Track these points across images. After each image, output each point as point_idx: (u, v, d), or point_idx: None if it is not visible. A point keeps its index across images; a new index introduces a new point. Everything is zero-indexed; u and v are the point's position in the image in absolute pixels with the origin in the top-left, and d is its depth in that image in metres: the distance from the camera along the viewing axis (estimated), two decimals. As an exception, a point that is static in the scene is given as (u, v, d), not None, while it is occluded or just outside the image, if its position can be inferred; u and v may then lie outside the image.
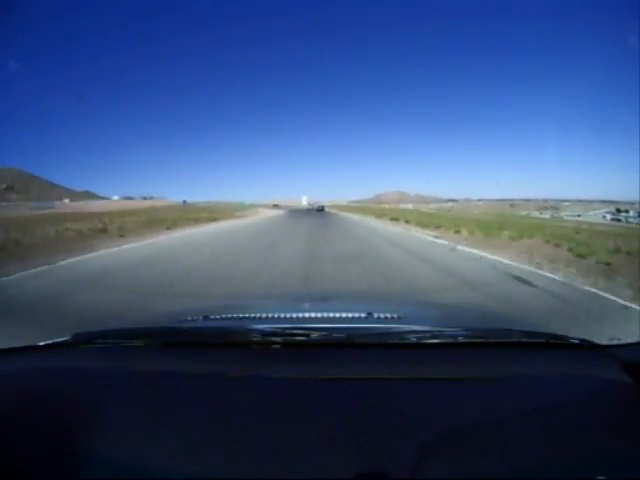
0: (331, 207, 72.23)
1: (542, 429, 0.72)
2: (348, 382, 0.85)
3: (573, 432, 0.73)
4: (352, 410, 0.76)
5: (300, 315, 1.23)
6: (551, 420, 0.75)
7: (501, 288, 5.02)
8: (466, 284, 5.25)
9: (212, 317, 1.31)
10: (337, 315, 1.20)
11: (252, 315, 1.29)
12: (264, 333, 1.01)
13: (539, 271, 6.25)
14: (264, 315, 1.26)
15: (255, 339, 1.00)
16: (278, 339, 1.00)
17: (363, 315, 1.20)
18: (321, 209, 57.13)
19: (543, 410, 0.78)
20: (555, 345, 1.06)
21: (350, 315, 1.22)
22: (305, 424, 0.73)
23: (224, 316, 1.35)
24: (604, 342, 1.09)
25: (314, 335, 0.99)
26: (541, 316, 3.58)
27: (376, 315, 1.19)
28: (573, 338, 1.07)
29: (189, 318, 1.30)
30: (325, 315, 1.20)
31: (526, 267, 6.62)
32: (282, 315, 1.22)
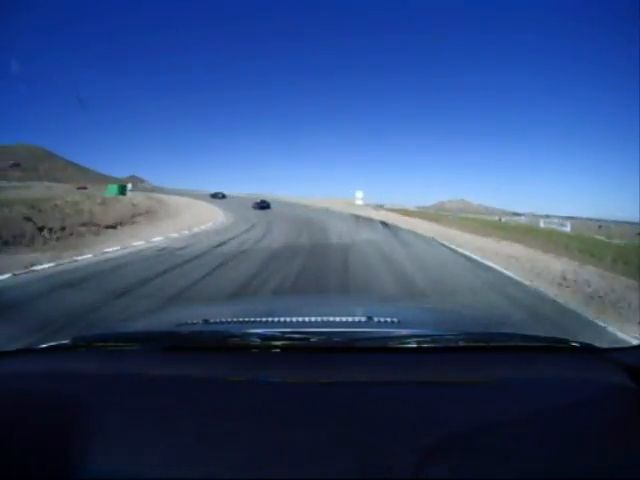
0: (395, 213, 36.19)
1: (543, 433, 0.73)
2: (348, 386, 0.86)
3: (574, 436, 0.73)
4: (352, 414, 0.76)
5: (300, 319, 1.21)
6: (552, 424, 0.76)
7: None
8: None
9: (212, 321, 1.27)
10: (337, 319, 1.23)
11: (252, 319, 1.30)
12: (264, 337, 1.02)
13: None
14: (264, 319, 1.27)
15: (255, 343, 1.01)
16: (278, 343, 1.00)
17: (363, 319, 1.21)
18: (266, 206, 31.75)
19: (544, 414, 0.79)
20: (556, 349, 1.07)
21: (350, 319, 1.27)
22: (305, 428, 0.72)
23: (224, 320, 1.36)
24: (605, 346, 1.08)
25: (314, 339, 1.00)
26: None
27: (376, 319, 1.18)
28: (574, 342, 1.07)
29: (188, 322, 1.30)
30: (325, 319, 1.22)
31: None
32: (282, 319, 1.22)
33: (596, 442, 0.73)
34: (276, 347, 1.00)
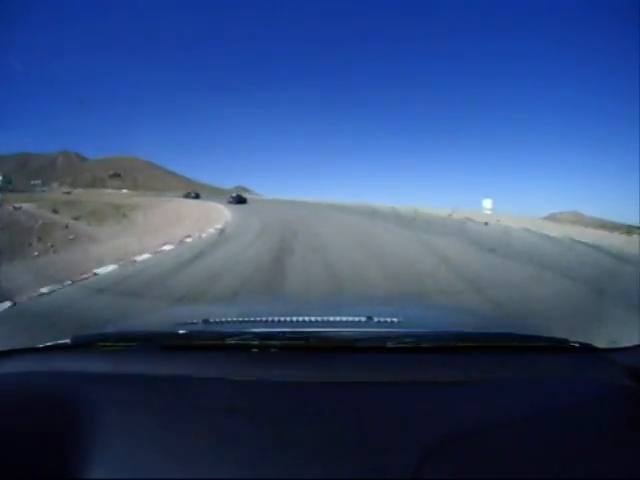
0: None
1: (542, 432, 0.72)
2: (348, 386, 0.85)
3: (573, 435, 0.73)
4: (352, 414, 0.76)
5: (300, 319, 1.18)
6: (551, 424, 0.75)
7: None
8: None
9: (211, 321, 1.22)
10: (337, 319, 1.21)
11: (252, 319, 1.27)
12: (263, 337, 1.01)
13: None
14: (264, 319, 1.23)
15: (254, 343, 1.00)
16: (277, 343, 1.00)
17: (363, 319, 1.17)
18: (242, 200, 32.61)
19: (544, 414, 0.78)
20: (555, 349, 1.06)
21: (349, 319, 1.23)
22: (304, 428, 0.72)
23: (224, 319, 1.30)
24: (604, 346, 1.07)
25: (313, 339, 0.99)
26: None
27: (376, 319, 1.16)
28: (573, 342, 1.06)
29: (188, 322, 1.24)
30: (325, 319, 1.20)
31: None
32: (281, 319, 1.19)
33: (596, 442, 0.73)
34: (275, 347, 0.99)
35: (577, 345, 1.05)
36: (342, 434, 0.69)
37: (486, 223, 15.62)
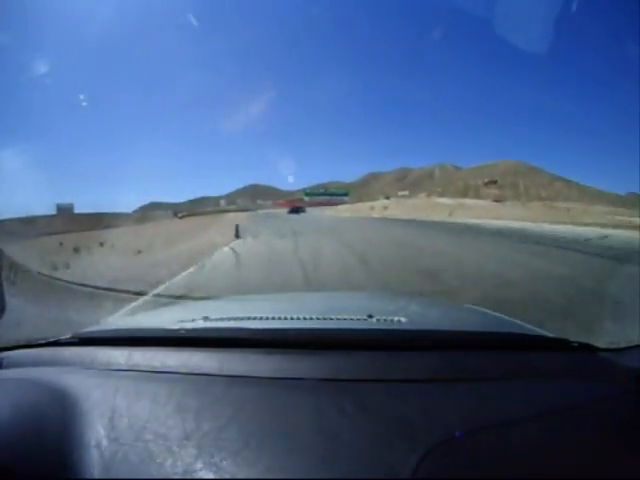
0: None
1: (541, 432, 0.72)
2: (348, 383, 0.85)
3: (572, 435, 0.73)
4: (352, 412, 0.75)
5: (300, 316, 1.19)
6: (550, 423, 0.75)
7: None
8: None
9: (212, 317, 1.26)
10: (337, 316, 1.23)
11: (252, 316, 1.28)
12: (263, 334, 1.03)
13: None
14: (264, 316, 1.25)
15: (254, 339, 1.01)
16: (277, 340, 1.00)
17: (364, 317, 1.17)
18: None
19: (542, 413, 0.78)
20: (555, 349, 1.06)
21: (351, 317, 1.24)
22: (303, 425, 0.72)
23: (224, 316, 1.35)
24: (604, 346, 1.06)
25: (313, 336, 1.00)
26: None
27: (377, 316, 1.16)
28: (573, 342, 1.05)
29: (188, 319, 1.27)
30: (325, 316, 1.21)
31: None
32: (282, 316, 1.20)
33: (596, 442, 0.72)
34: (275, 344, 0.99)
35: (577, 345, 1.04)
36: (342, 432, 0.69)
37: None
